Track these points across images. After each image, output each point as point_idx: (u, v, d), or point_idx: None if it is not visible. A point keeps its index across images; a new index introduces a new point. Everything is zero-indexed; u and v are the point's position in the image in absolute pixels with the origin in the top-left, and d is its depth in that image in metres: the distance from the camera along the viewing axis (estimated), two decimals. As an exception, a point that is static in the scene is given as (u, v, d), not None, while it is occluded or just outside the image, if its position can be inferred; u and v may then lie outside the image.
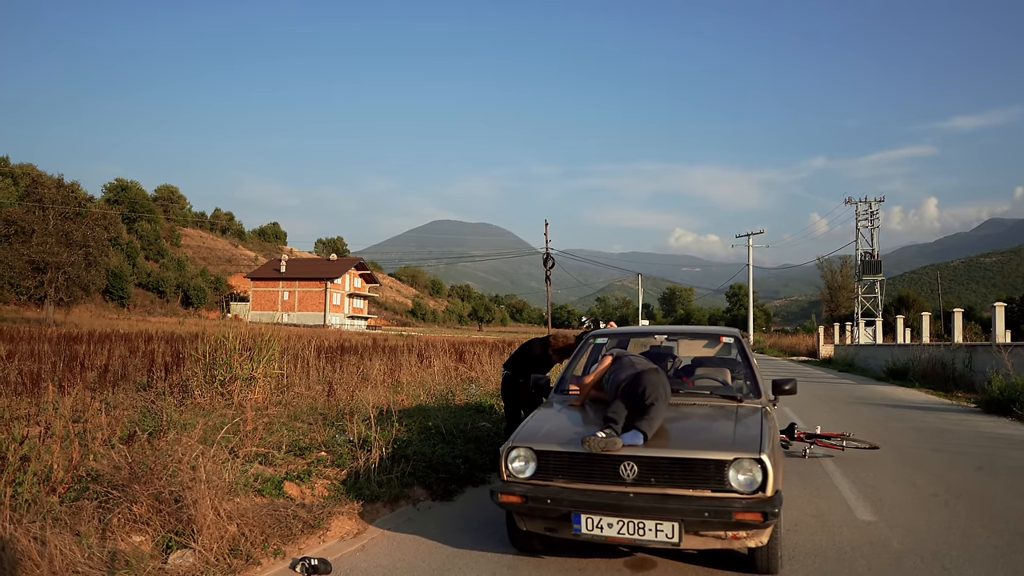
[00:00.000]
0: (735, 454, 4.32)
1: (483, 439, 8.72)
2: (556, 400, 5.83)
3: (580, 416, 5.31)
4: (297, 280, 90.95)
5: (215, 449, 5.80)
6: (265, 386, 10.94)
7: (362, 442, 7.08)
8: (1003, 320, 22.86)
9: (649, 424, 4.51)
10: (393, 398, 10.94)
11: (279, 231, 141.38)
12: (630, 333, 7.21)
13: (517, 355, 8.16)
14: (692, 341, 6.46)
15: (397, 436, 7.65)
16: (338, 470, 6.62)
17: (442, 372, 14.25)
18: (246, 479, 5.65)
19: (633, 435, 4.47)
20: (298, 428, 8.27)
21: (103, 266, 55.15)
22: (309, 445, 7.16)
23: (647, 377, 4.88)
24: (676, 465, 4.35)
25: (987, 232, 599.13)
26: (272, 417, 8.98)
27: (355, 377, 12.19)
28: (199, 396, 10.30)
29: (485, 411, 10.63)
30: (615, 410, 4.71)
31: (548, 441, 4.66)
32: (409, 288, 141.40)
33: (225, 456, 6.44)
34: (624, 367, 5.20)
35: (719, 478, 4.30)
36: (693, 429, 4.89)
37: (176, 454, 5.29)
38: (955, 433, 11.84)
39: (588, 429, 4.72)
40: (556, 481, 4.54)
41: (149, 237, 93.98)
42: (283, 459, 6.57)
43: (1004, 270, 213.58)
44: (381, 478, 6.48)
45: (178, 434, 6.56)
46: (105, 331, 30.50)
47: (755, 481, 4.28)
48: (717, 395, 5.57)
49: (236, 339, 10.78)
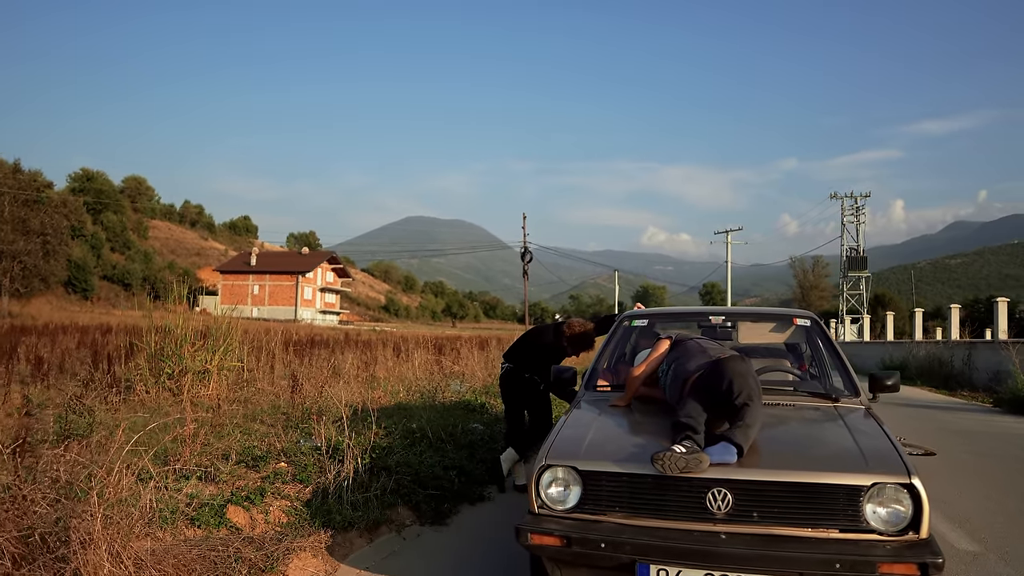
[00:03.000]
0: (873, 477, 3.00)
1: (477, 444, 7.36)
2: (588, 399, 4.45)
3: (628, 421, 3.96)
4: (268, 274, 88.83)
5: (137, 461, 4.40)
6: (221, 381, 9.52)
7: (332, 449, 5.68)
8: (1006, 316, 21.95)
9: (744, 433, 3.17)
10: (369, 395, 9.53)
11: (250, 224, 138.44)
12: (677, 314, 5.84)
13: (521, 344, 6.79)
14: (756, 324, 5.01)
15: (375, 442, 6.24)
16: (301, 487, 5.19)
17: (423, 366, 12.84)
18: (174, 504, 4.23)
19: (723, 450, 3.13)
20: (255, 431, 6.86)
21: (63, 256, 52.88)
22: (266, 454, 5.74)
23: (731, 366, 3.52)
24: (789, 493, 3.02)
25: (952, 234, 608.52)
26: (226, 417, 7.56)
27: (325, 371, 10.73)
28: (142, 392, 8.87)
29: (475, 410, 9.26)
30: (690, 413, 3.36)
31: (598, 457, 3.30)
32: (382, 283, 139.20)
33: (155, 470, 5.03)
34: (691, 353, 3.85)
35: (852, 512, 2.98)
36: (798, 440, 3.54)
37: (76, 470, 3.87)
38: (992, 436, 10.71)
39: (651, 440, 3.37)
40: (611, 515, 3.19)
41: (115, 229, 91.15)
42: (230, 473, 5.15)
43: (969, 271, 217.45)
44: (356, 497, 5.08)
45: (103, 440, 5.17)
46: (63, 323, 28.74)
47: (903, 516, 2.97)
48: (804, 392, 4.25)
49: (187, 327, 9.36)
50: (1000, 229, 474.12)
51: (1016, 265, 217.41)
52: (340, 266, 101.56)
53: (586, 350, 6.52)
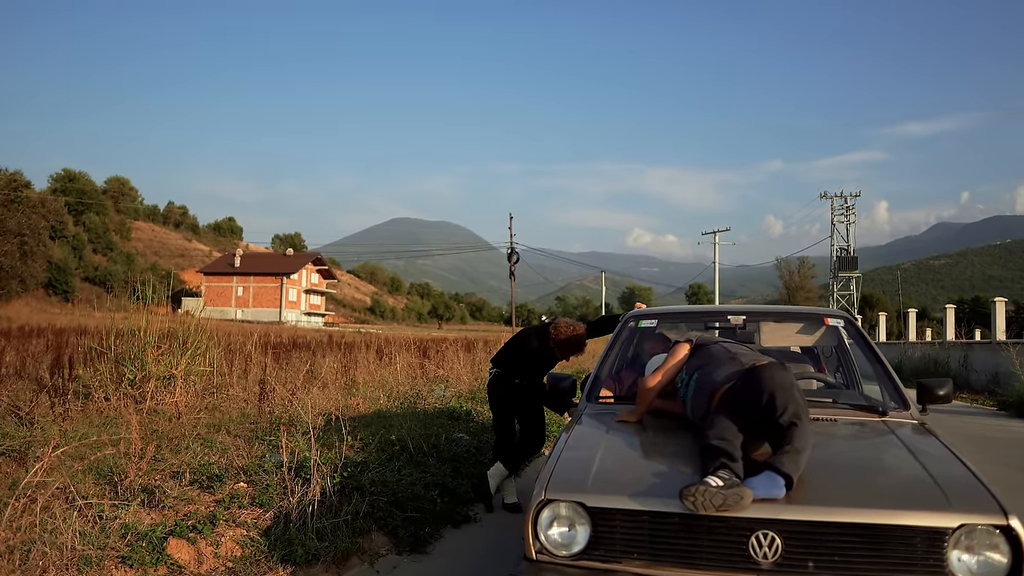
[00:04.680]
0: (960, 517, 2.39)
1: (462, 457, 6.71)
2: (591, 413, 3.80)
3: (643, 442, 3.32)
4: (252, 275, 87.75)
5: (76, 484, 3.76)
6: (188, 387, 8.84)
7: (298, 467, 5.03)
8: (1003, 317, 21.51)
9: (793, 460, 2.55)
10: (346, 402, 8.88)
11: (235, 226, 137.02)
12: (690, 313, 5.17)
13: (509, 348, 6.14)
14: (781, 325, 4.31)
15: (348, 457, 5.60)
16: (260, 512, 4.53)
17: (406, 370, 12.16)
18: (102, 538, 3.58)
19: (767, 481, 2.51)
20: (218, 443, 6.20)
21: (42, 257, 51.80)
22: (223, 472, 5.08)
23: (770, 375, 2.87)
24: (853, 537, 2.41)
25: (936, 236, 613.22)
26: (188, 427, 6.90)
27: (300, 376, 10.05)
28: (100, 400, 8.18)
29: (460, 418, 8.60)
30: (722, 434, 2.73)
31: (610, 490, 2.67)
32: (368, 285, 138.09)
33: (95, 491, 4.40)
34: (718, 360, 3.22)
35: (933, 561, 2.38)
36: (855, 467, 2.90)
37: None
38: (1011, 444, 10.16)
39: (675, 468, 2.75)
40: (628, 564, 2.56)
41: (97, 230, 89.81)
42: (179, 496, 4.49)
43: (952, 272, 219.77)
44: (324, 524, 4.43)
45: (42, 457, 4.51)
46: (40, 326, 27.90)
47: (999, 567, 2.37)
48: (845, 404, 3.62)
49: (151, 329, 8.68)
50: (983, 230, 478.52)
51: (999, 266, 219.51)
52: (325, 267, 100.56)
53: (576, 354, 5.87)
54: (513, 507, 5.77)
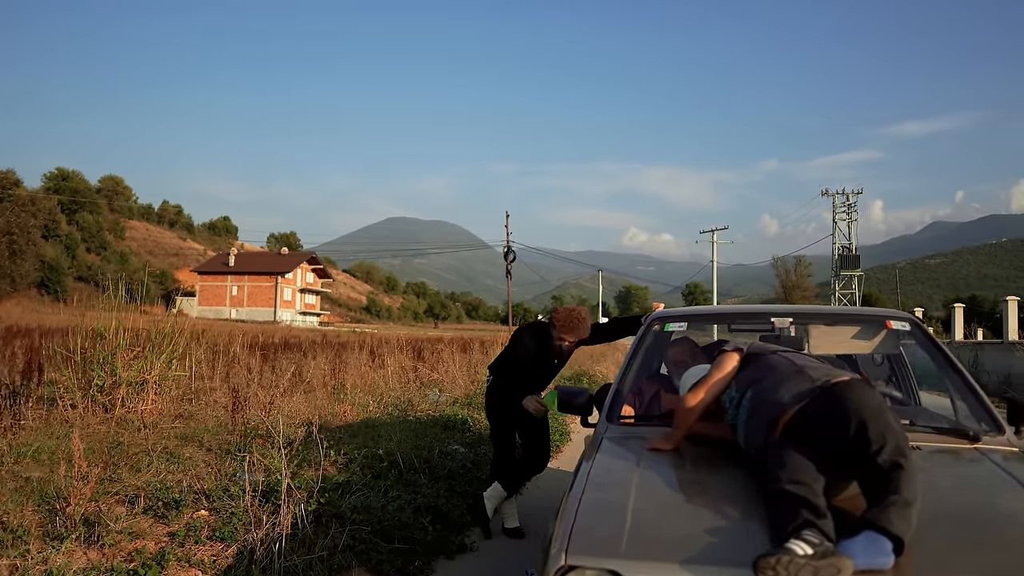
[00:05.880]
0: None
1: (457, 474, 6.06)
2: (614, 438, 3.07)
3: (686, 480, 2.64)
4: (246, 275, 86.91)
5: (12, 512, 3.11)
6: (164, 393, 8.20)
7: (268, 490, 4.38)
8: (1016, 316, 20.94)
9: (902, 516, 1.89)
10: (332, 409, 8.23)
11: (230, 225, 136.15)
12: (725, 314, 4.49)
13: (506, 353, 5.46)
14: (833, 328, 3.57)
15: (328, 477, 4.94)
16: (221, 547, 3.88)
17: (398, 373, 11.50)
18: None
19: (869, 544, 1.86)
20: (186, 459, 5.55)
21: (33, 256, 51.05)
22: (183, 497, 4.42)
23: (856, 397, 2.22)
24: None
25: (931, 235, 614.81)
26: (154, 440, 6.26)
27: (285, 379, 9.36)
28: (65, 408, 7.53)
29: (455, 427, 7.94)
30: (799, 476, 2.07)
31: (652, 554, 1.99)
32: (364, 284, 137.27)
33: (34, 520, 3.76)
34: (780, 375, 2.54)
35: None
36: (969, 518, 2.21)
37: None
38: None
39: (738, 522, 2.10)
40: None
41: (91, 229, 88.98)
42: (125, 530, 3.83)
43: (948, 271, 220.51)
44: (295, 561, 3.77)
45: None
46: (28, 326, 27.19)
47: None
48: (928, 428, 2.94)
49: (122, 330, 8.04)
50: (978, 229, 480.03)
51: (994, 265, 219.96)
52: (320, 267, 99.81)
53: (580, 336, 5.14)
54: (514, 532, 5.14)
